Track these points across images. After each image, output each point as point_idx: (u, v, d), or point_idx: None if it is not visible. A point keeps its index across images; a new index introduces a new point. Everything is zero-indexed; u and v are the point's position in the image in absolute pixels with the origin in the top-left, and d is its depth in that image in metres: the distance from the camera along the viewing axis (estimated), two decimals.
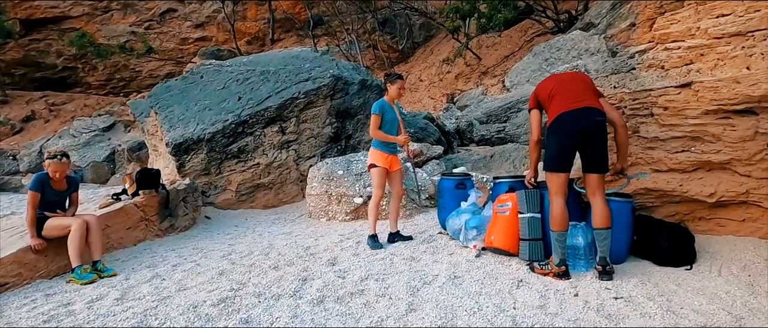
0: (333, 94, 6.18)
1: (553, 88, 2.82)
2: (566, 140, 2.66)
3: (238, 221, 5.40)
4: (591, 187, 2.73)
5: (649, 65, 3.01)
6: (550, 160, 2.74)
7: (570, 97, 2.71)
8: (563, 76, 2.94)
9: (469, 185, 3.99)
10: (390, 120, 3.60)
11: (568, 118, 2.66)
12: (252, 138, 5.84)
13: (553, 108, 2.76)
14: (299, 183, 6.07)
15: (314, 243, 3.93)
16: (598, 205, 2.69)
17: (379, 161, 3.58)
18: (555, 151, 2.70)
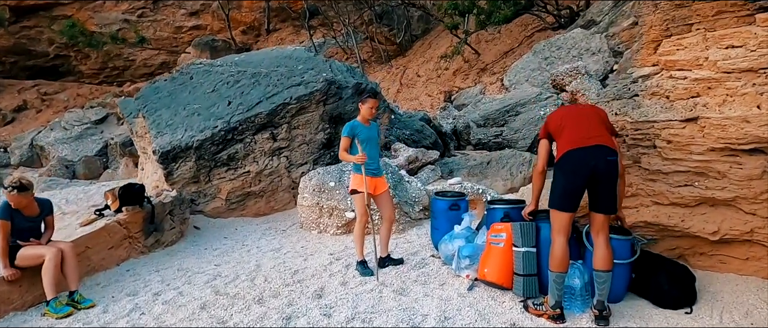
0: (326, 99, 6.01)
1: (563, 120, 2.67)
2: (574, 179, 2.53)
3: (228, 231, 5.27)
4: (595, 226, 2.60)
5: (652, 93, 2.86)
6: (556, 198, 2.60)
7: (581, 133, 2.57)
8: (576, 108, 2.81)
9: (463, 206, 3.86)
10: (365, 140, 3.36)
11: (577, 156, 2.53)
12: (242, 145, 5.68)
13: (562, 142, 2.62)
14: (291, 190, 5.93)
15: (302, 265, 3.81)
16: (601, 246, 2.56)
17: (360, 186, 3.36)
18: (562, 189, 2.57)
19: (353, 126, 3.38)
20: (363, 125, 3.41)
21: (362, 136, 3.36)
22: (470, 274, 3.23)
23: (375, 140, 3.43)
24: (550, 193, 2.67)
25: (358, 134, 3.36)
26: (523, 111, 7.31)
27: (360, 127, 3.39)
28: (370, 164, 3.37)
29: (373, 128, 3.49)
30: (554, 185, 2.63)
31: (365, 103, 3.42)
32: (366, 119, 3.44)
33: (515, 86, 9.45)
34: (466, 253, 3.24)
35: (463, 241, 3.46)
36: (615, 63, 8.81)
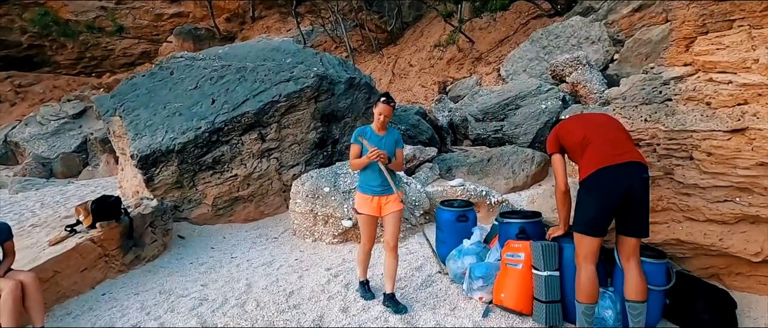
0: (317, 95, 5.62)
1: (585, 134, 2.37)
2: (608, 201, 2.24)
3: (215, 240, 4.91)
4: (626, 251, 2.32)
5: (688, 98, 2.56)
6: (585, 223, 2.31)
7: (611, 149, 2.28)
8: (594, 118, 2.50)
9: (471, 217, 3.56)
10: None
11: (610, 175, 2.23)
12: (228, 147, 5.28)
13: (588, 160, 2.32)
14: (282, 194, 5.58)
15: (298, 285, 3.49)
16: (634, 273, 2.29)
17: (363, 207, 2.94)
18: (594, 212, 2.28)
19: (362, 132, 2.94)
20: (374, 133, 2.92)
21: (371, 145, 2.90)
22: (484, 296, 2.95)
23: (386, 150, 2.87)
24: (575, 216, 2.38)
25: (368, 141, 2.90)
26: (524, 105, 7.01)
27: (369, 134, 2.93)
28: (371, 180, 2.90)
29: (387, 139, 2.92)
30: (582, 208, 2.33)
31: (375, 107, 2.92)
32: (378, 127, 2.92)
33: (512, 77, 9.13)
34: (479, 273, 2.95)
35: (473, 258, 3.17)
36: (615, 52, 8.53)
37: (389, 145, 2.90)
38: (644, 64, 7.87)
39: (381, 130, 2.93)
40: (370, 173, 2.92)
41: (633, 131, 2.73)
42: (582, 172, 2.35)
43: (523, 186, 5.91)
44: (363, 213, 2.96)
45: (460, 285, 3.22)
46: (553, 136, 2.56)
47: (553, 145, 2.56)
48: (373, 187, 2.94)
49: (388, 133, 2.96)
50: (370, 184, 2.94)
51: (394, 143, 2.94)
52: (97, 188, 8.70)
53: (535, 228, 3.03)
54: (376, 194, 2.93)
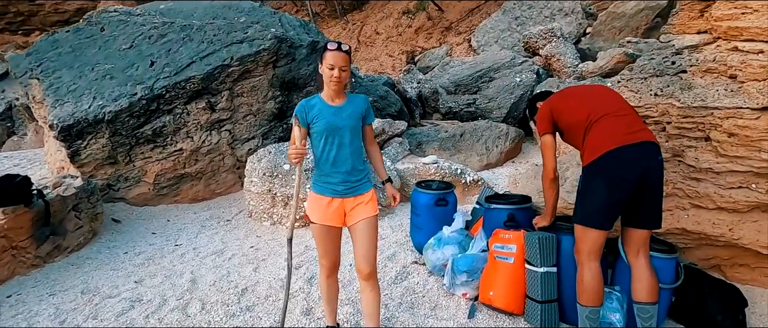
0: (276, 60, 4.98)
1: (590, 112, 2.00)
2: (620, 188, 1.90)
3: (157, 224, 4.30)
4: (635, 245, 2.01)
5: (707, 70, 2.24)
6: (591, 213, 1.97)
7: (622, 127, 1.93)
8: (594, 92, 2.13)
9: (451, 200, 3.18)
10: (325, 131, 1.93)
11: (624, 158, 1.89)
12: (171, 117, 4.59)
13: (594, 140, 1.96)
14: (236, 170, 4.98)
15: (252, 279, 3.01)
16: (645, 271, 1.99)
17: (315, 213, 2.01)
18: (602, 201, 1.94)
19: (305, 107, 1.97)
20: (325, 104, 1.96)
21: (320, 126, 1.93)
22: (468, 293, 2.60)
23: (348, 131, 1.95)
24: (580, 206, 2.03)
25: (313, 121, 1.94)
26: (498, 77, 6.67)
27: (319, 108, 1.95)
28: (330, 171, 1.96)
29: (347, 111, 1.97)
30: (588, 197, 1.99)
31: (321, 60, 1.95)
32: (331, 94, 1.97)
33: (484, 48, 8.76)
34: (464, 267, 2.58)
35: (455, 248, 2.80)
36: (588, 26, 8.33)
37: (351, 120, 1.95)
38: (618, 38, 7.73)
39: (337, 97, 1.96)
40: (326, 160, 1.95)
41: (640, 107, 2.41)
42: (587, 154, 2.00)
43: (496, 163, 5.62)
44: (318, 222, 1.99)
45: (439, 278, 2.86)
46: (546, 114, 2.18)
47: (546, 124, 2.18)
48: (332, 184, 1.98)
49: (348, 102, 1.98)
50: (327, 179, 1.98)
51: (358, 117, 1.98)
52: (21, 161, 7.64)
53: (525, 215, 2.69)
54: (339, 194, 1.97)
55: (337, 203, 2.01)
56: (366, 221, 2.00)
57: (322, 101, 1.99)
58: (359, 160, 2.02)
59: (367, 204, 2.03)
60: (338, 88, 1.94)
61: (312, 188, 2.07)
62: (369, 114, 2.09)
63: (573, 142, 2.18)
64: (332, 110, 1.97)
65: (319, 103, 1.99)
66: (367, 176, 2.08)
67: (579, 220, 2.04)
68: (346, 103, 2.00)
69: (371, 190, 2.07)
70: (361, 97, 2.07)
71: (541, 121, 2.24)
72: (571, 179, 3.12)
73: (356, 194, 2.01)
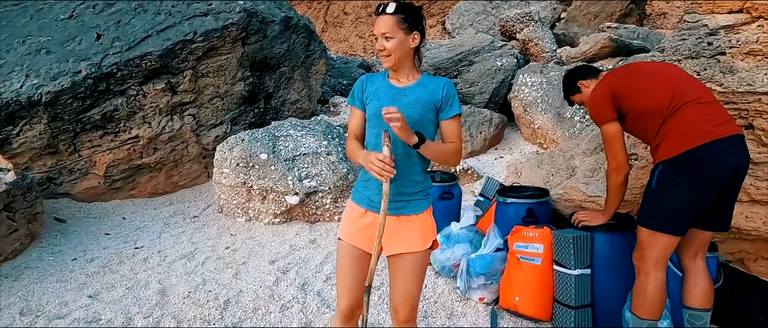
0: (245, 36, 4.46)
1: (673, 95, 1.73)
2: (709, 188, 1.67)
3: (111, 223, 3.74)
4: (694, 247, 1.82)
5: (749, 52, 2.08)
6: (668, 216, 1.72)
7: (709, 116, 1.69)
8: (667, 71, 1.87)
9: (456, 193, 2.91)
10: (374, 117, 1.50)
11: (716, 153, 1.65)
12: (124, 100, 3.99)
13: (677, 130, 1.70)
14: (202, 160, 4.46)
15: (235, 288, 2.60)
16: (702, 275, 1.81)
17: (344, 226, 1.58)
18: (685, 203, 1.69)
19: (364, 83, 1.57)
20: (386, 82, 1.53)
21: (371, 109, 1.51)
22: (486, 297, 2.35)
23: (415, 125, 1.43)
24: (651, 207, 1.76)
25: (367, 101, 1.53)
26: (478, 61, 6.44)
27: (377, 87, 1.54)
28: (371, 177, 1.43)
29: (412, 94, 1.48)
30: (666, 197, 1.73)
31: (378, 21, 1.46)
32: (393, 71, 1.52)
33: (458, 31, 8.52)
34: (481, 268, 2.32)
35: (467, 246, 2.53)
36: (563, 10, 8.29)
37: (413, 109, 1.44)
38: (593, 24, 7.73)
39: (403, 75, 1.50)
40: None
41: None
42: (666, 147, 1.71)
43: (480, 150, 5.43)
44: (345, 240, 1.55)
45: (448, 280, 2.59)
46: (606, 96, 1.88)
47: (608, 109, 1.86)
48: (370, 191, 1.50)
49: (419, 84, 1.49)
50: (367, 184, 1.52)
51: (426, 107, 1.46)
52: None
53: (544, 210, 2.46)
54: (375, 207, 1.47)
55: (372, 219, 1.48)
56: (412, 258, 1.46)
57: (384, 78, 1.54)
58: (415, 169, 1.47)
59: (416, 231, 1.47)
60: (390, 63, 1.46)
61: (352, 195, 1.60)
62: (448, 105, 1.47)
63: (639, 131, 1.88)
64: (392, 92, 1.48)
65: (381, 80, 1.55)
66: (425, 192, 1.52)
67: (649, 223, 1.76)
68: (414, 85, 1.48)
69: (426, 212, 1.50)
70: (440, 81, 1.49)
71: (599, 105, 1.87)
72: (582, 168, 2.93)
73: (401, 213, 1.46)
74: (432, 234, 1.52)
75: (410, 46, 1.46)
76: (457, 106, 1.49)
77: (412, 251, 1.48)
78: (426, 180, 1.54)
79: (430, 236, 1.51)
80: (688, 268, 1.85)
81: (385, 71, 1.56)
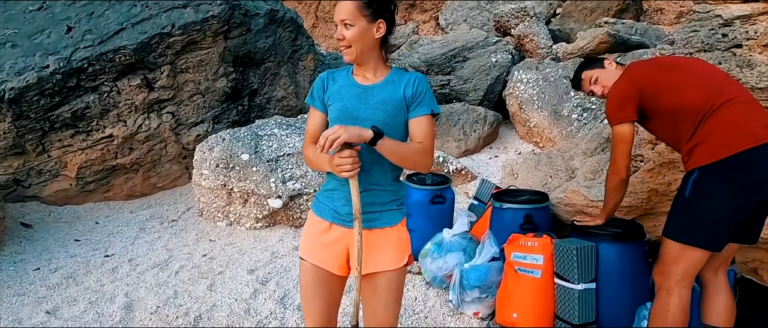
0: (227, 30, 4.23)
1: (709, 93, 1.54)
2: (751, 199, 1.48)
3: (83, 228, 3.51)
4: (718, 261, 1.64)
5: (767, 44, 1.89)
6: (703, 228, 1.52)
7: (753, 118, 1.51)
8: (699, 67, 1.69)
9: (449, 197, 2.72)
10: (337, 120, 1.26)
11: (762, 160, 1.47)
12: (97, 96, 3.75)
13: (717, 133, 1.51)
14: (182, 160, 4.24)
15: (208, 301, 2.40)
16: (724, 293, 1.64)
17: (306, 244, 1.36)
18: (724, 215, 1.50)
19: (325, 81, 1.35)
20: (350, 80, 1.32)
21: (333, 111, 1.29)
22: (481, 312, 2.16)
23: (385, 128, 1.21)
24: (684, 218, 1.57)
25: (329, 101, 1.32)
26: (472, 57, 6.26)
27: (339, 85, 1.32)
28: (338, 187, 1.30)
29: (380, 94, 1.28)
30: (702, 207, 1.53)
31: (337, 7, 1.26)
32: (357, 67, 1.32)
33: (452, 27, 8.33)
34: (476, 281, 2.14)
35: (460, 255, 2.34)
36: (558, 6, 8.11)
37: (381, 111, 1.25)
38: (589, 20, 7.56)
39: (369, 71, 1.29)
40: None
41: None
42: (703, 152, 1.52)
43: (475, 149, 5.25)
44: (308, 259, 1.33)
45: (440, 291, 2.40)
46: (632, 94, 1.64)
47: (631, 108, 1.64)
48: (335, 202, 1.30)
49: (387, 81, 1.29)
50: (331, 194, 1.32)
51: (396, 107, 1.26)
52: None
53: (544, 216, 2.28)
54: (342, 220, 1.29)
55: (339, 233, 1.29)
56: (387, 277, 1.27)
57: (348, 76, 1.32)
58: (387, 176, 1.29)
59: (390, 246, 1.28)
60: (351, 56, 1.25)
61: (312, 206, 1.39)
62: (418, 102, 1.26)
63: (668, 133, 1.66)
64: (357, 91, 1.28)
65: (344, 77, 1.32)
66: (398, 201, 1.33)
67: (681, 236, 1.56)
68: (382, 83, 1.28)
69: (400, 224, 1.31)
70: (411, 77, 1.29)
71: (621, 101, 1.65)
72: (582, 170, 2.75)
73: (373, 226, 1.27)
74: (407, 248, 1.34)
75: (374, 36, 1.25)
76: (428, 103, 1.28)
77: (387, 270, 1.28)
78: (399, 188, 1.35)
79: (405, 251, 1.33)
80: (709, 282, 1.67)
81: (348, 67, 1.35)
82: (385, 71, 1.33)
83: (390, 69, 1.34)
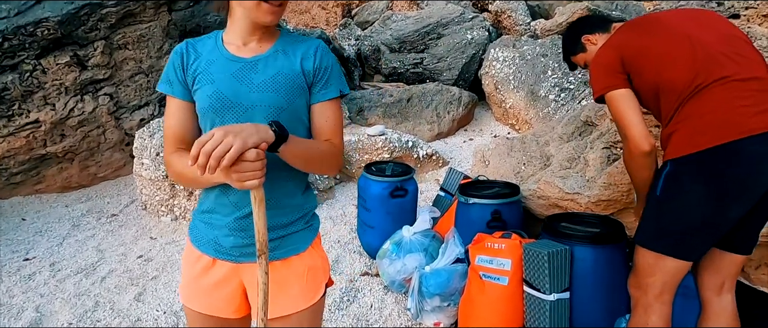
0: (171, 1, 3.78)
1: (698, 67, 1.22)
2: (740, 200, 1.19)
3: (6, 226, 3.13)
4: (720, 275, 1.38)
5: None
6: (677, 235, 1.25)
7: (746, 101, 1.18)
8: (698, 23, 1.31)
9: (411, 189, 2.43)
10: (209, 110, 0.91)
11: (752, 154, 1.17)
12: (16, 76, 3.29)
13: (698, 119, 1.21)
14: (125, 148, 3.84)
15: (133, 312, 2.08)
16: (729, 314, 1.39)
17: (185, 284, 1.03)
18: (703, 218, 1.22)
19: (183, 55, 0.95)
20: (223, 52, 0.94)
21: (202, 96, 0.92)
22: (441, 321, 1.91)
23: (262, 114, 0.90)
24: (655, 221, 1.30)
25: (195, 84, 0.93)
26: (446, 34, 5.92)
27: (207, 61, 0.94)
28: (215, 206, 0.96)
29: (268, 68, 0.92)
30: (675, 208, 1.25)
31: None
32: (239, 32, 0.94)
33: (428, 2, 7.93)
34: (436, 288, 1.87)
35: (421, 256, 2.07)
36: None
37: (273, 91, 0.91)
38: None
39: (253, 38, 0.94)
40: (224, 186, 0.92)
41: None
42: (680, 140, 1.23)
43: (448, 132, 4.97)
44: (190, 307, 1.02)
45: (399, 296, 2.14)
46: (612, 62, 1.33)
47: (612, 77, 1.32)
48: (215, 229, 0.97)
49: (278, 50, 0.95)
50: (210, 217, 0.98)
51: (294, 86, 0.93)
52: None
53: (514, 212, 2.02)
54: (226, 254, 0.97)
55: (226, 270, 0.97)
56: (298, 319, 0.98)
57: (218, 46, 0.95)
58: (289, 185, 0.96)
59: (299, 281, 0.98)
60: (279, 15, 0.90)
61: (189, 233, 1.03)
62: (323, 79, 0.95)
63: (656, 110, 1.35)
64: (235, 67, 0.92)
65: (212, 48, 0.95)
66: (306, 218, 1.01)
67: (652, 243, 1.30)
68: (270, 54, 0.94)
69: (311, 247, 1.01)
70: (310, 44, 0.97)
71: (602, 72, 1.35)
72: (558, 157, 2.50)
73: (274, 257, 0.93)
74: (322, 275, 1.03)
75: None
76: (336, 82, 0.96)
77: (298, 310, 0.98)
78: (307, 200, 1.02)
79: (321, 281, 1.03)
80: (710, 303, 1.40)
81: (216, 33, 0.98)
82: (273, 36, 0.97)
83: (278, 32, 0.98)
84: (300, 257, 0.99)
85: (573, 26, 1.63)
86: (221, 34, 0.97)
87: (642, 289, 1.34)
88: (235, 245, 0.94)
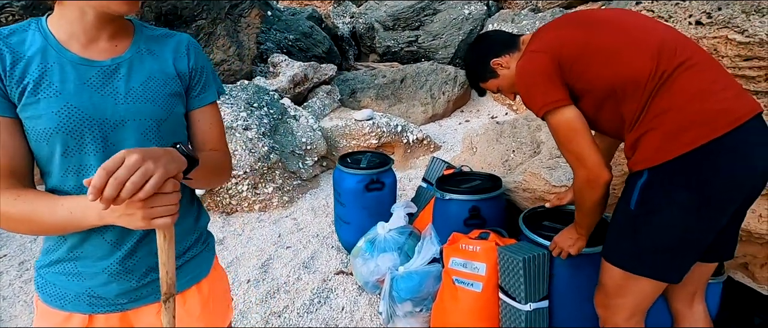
0: None
1: (654, 54, 1.02)
2: (724, 208, 1.01)
3: None
4: (692, 285, 1.23)
5: None
6: (656, 253, 1.06)
7: (716, 88, 0.99)
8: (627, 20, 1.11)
9: (388, 182, 2.27)
10: (57, 130, 0.69)
11: (738, 152, 0.98)
12: None
13: (676, 111, 1.01)
14: None
15: None
16: (702, 320, 1.23)
17: None
18: (686, 234, 1.03)
19: (5, 55, 0.68)
20: (63, 51, 0.71)
21: (46, 113, 0.68)
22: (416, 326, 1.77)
23: (134, 132, 0.73)
24: (631, 239, 1.10)
25: (25, 98, 0.68)
26: (443, 9, 5.64)
27: (40, 64, 0.69)
28: (77, 248, 0.75)
29: (134, 72, 0.74)
30: (654, 223, 1.05)
31: None
32: (84, 26, 0.71)
33: None
34: (407, 292, 1.73)
35: (395, 256, 1.93)
36: None
37: (158, 101, 0.75)
38: None
39: (103, 33, 0.73)
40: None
41: None
42: (659, 142, 1.02)
43: (443, 114, 4.77)
44: None
45: (373, 296, 2.01)
46: (551, 69, 1.10)
47: (557, 89, 1.10)
48: (90, 284, 0.76)
49: (138, 51, 0.76)
50: (79, 268, 0.76)
51: (174, 92, 0.78)
52: None
53: (495, 208, 1.85)
54: (120, 306, 0.78)
55: (112, 323, 0.79)
56: None
57: (52, 43, 0.71)
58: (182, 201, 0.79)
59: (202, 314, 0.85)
60: (136, 5, 0.70)
61: (38, 291, 0.79)
62: (200, 82, 0.82)
63: (611, 116, 1.12)
64: (89, 73, 0.72)
65: (43, 48, 0.70)
66: (202, 237, 0.88)
67: (625, 262, 1.11)
68: (132, 54, 0.76)
69: (213, 270, 0.88)
70: (179, 40, 0.81)
71: (539, 83, 1.11)
72: (548, 144, 2.31)
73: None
74: (226, 300, 0.91)
75: None
76: (214, 82, 0.84)
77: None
78: (200, 216, 0.88)
79: (226, 305, 0.91)
80: (682, 316, 1.26)
81: (32, 22, 0.72)
82: (127, 32, 0.77)
83: (131, 26, 0.78)
84: (199, 287, 0.85)
85: (476, 49, 1.37)
86: (46, 26, 0.72)
87: (611, 310, 1.18)
88: (121, 292, 0.77)
